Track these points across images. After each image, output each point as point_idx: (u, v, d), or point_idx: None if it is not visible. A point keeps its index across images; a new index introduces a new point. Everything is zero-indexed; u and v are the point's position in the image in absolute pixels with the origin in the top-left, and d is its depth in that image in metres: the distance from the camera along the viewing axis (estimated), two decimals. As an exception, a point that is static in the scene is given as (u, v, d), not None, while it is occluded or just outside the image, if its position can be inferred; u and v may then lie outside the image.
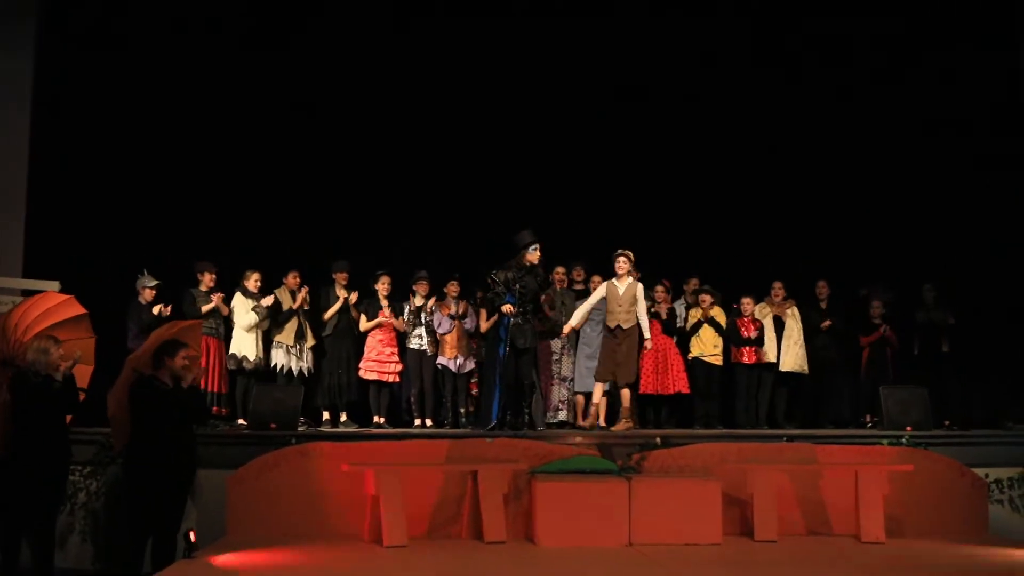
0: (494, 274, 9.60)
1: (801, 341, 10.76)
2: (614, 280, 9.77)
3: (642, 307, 9.73)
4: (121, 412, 7.16)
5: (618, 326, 9.65)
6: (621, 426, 9.65)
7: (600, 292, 9.84)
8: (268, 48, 11.76)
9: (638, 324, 9.68)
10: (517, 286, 9.48)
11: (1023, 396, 10.11)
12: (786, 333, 10.75)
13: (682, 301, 11.07)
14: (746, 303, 10.69)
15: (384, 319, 10.40)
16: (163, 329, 7.61)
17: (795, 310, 10.86)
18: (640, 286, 9.77)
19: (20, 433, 7.05)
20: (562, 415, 10.43)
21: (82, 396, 7.50)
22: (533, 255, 9.52)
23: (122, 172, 11.30)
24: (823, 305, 11.04)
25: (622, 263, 9.71)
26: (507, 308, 9.48)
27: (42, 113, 11.14)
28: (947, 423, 10.28)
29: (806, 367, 10.73)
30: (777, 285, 10.98)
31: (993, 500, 8.69)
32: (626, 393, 9.76)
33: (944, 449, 8.73)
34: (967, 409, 10.53)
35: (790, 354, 10.72)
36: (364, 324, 10.42)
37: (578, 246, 11.17)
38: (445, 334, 10.36)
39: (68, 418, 7.41)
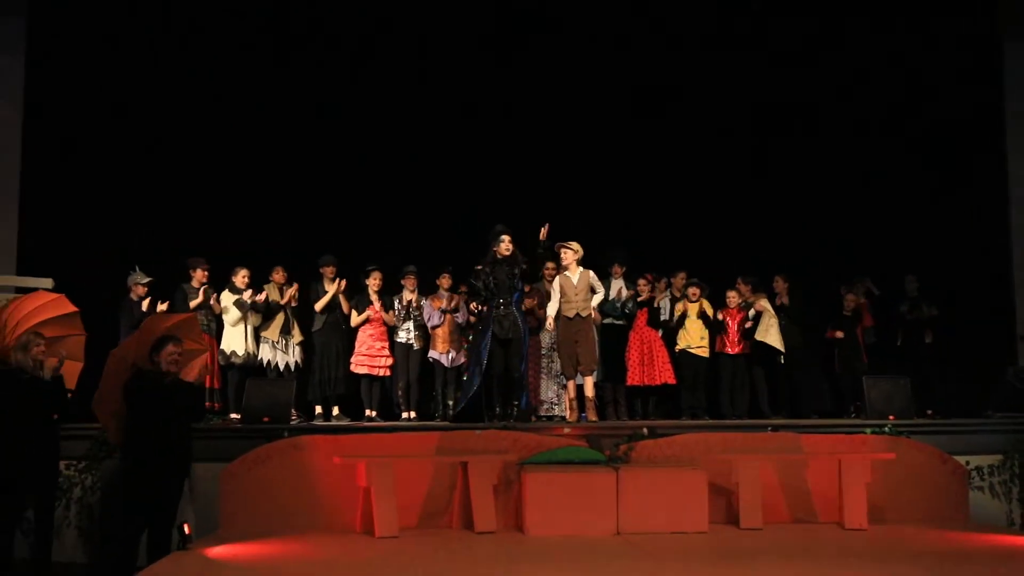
0: (476, 272, 9.66)
1: (776, 326, 10.83)
2: (566, 272, 9.85)
3: (601, 290, 9.94)
4: (104, 404, 7.18)
5: (576, 314, 9.71)
6: (591, 416, 9.79)
7: (556, 287, 9.85)
8: (259, 46, 11.78)
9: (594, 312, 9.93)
10: (491, 279, 9.50)
11: (1002, 385, 10.16)
12: (764, 322, 10.79)
13: (667, 294, 11.07)
14: (731, 296, 10.74)
15: (373, 313, 10.41)
16: (154, 321, 7.59)
17: (766, 301, 10.89)
18: (592, 273, 9.86)
19: (5, 431, 7.13)
20: (557, 410, 10.39)
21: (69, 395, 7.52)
22: (501, 247, 9.51)
23: (115, 170, 11.31)
24: (782, 300, 11.04)
25: (565, 255, 9.79)
26: (472, 306, 9.94)
27: (35, 111, 11.18)
28: (929, 412, 10.36)
29: (781, 346, 10.76)
30: (739, 281, 10.98)
31: (974, 487, 8.77)
32: (589, 381, 9.83)
33: (926, 437, 8.79)
34: (948, 398, 10.62)
35: (770, 335, 10.78)
36: (355, 319, 10.44)
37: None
38: (436, 327, 10.37)
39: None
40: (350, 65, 12.06)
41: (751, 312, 10.69)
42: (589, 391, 9.81)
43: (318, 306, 10.42)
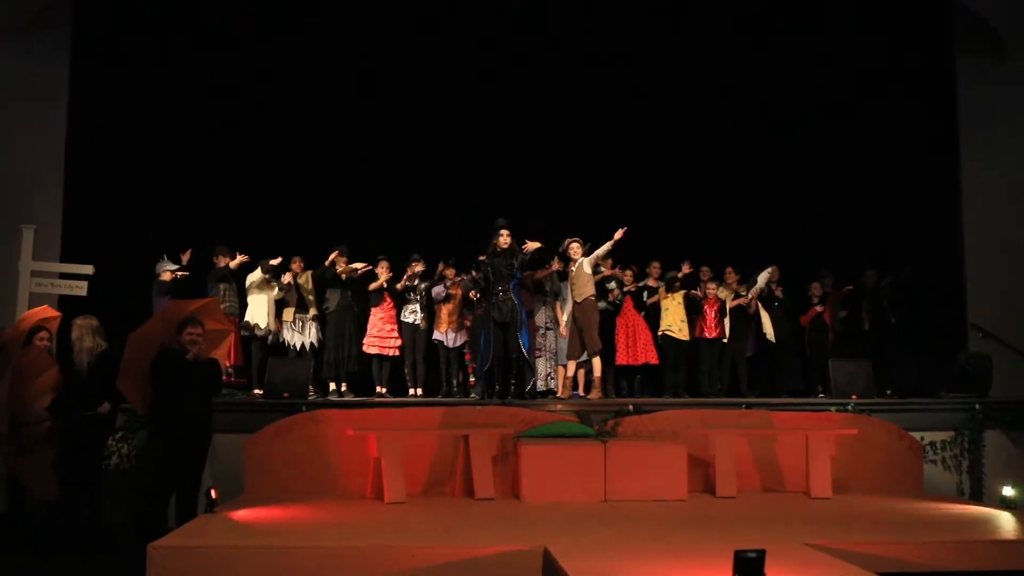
0: (478, 263, 9.63)
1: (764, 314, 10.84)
2: (570, 266, 9.81)
3: (592, 260, 9.76)
4: (127, 380, 7.21)
5: (585, 299, 9.61)
6: (594, 395, 9.68)
7: (576, 278, 9.72)
8: (281, 51, 11.73)
9: (593, 295, 9.68)
10: (490, 269, 9.46)
11: (955, 369, 10.15)
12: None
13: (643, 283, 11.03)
14: (710, 287, 10.71)
15: (361, 266, 10.36)
16: (177, 305, 7.56)
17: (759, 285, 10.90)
18: (584, 260, 9.71)
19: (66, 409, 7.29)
20: (552, 383, 10.35)
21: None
22: (500, 239, 9.45)
23: (149, 167, 11.28)
24: (775, 292, 11.00)
25: (576, 248, 9.75)
26: (472, 294, 9.99)
27: (77, 112, 11.13)
28: (888, 392, 10.35)
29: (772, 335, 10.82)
30: (729, 270, 11.08)
31: (928, 460, 8.79)
32: (597, 362, 9.73)
33: (885, 415, 8.80)
34: (906, 380, 10.61)
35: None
36: (373, 285, 10.37)
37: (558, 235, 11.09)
38: (442, 302, 10.30)
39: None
40: (368, 63, 11.96)
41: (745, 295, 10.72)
42: (597, 371, 9.75)
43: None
